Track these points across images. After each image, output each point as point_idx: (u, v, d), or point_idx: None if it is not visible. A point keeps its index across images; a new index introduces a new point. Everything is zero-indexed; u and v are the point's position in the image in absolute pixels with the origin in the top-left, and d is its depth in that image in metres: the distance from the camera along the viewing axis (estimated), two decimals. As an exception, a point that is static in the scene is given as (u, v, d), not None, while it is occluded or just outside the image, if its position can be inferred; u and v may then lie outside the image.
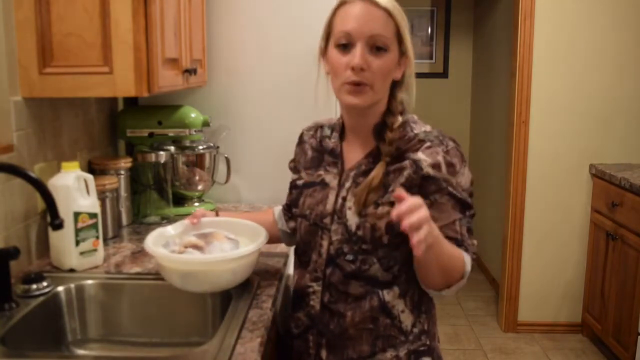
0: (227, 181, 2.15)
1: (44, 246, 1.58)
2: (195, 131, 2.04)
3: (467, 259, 1.17)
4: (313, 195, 1.29)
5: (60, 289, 1.39)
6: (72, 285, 1.41)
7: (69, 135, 1.74)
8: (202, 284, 1.27)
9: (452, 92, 4.86)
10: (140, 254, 1.62)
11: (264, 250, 1.53)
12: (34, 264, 1.54)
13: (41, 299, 1.33)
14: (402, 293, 1.23)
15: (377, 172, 1.18)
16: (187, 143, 2.11)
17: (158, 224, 1.90)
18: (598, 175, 3.15)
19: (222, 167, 2.15)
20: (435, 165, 1.16)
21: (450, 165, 1.17)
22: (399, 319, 1.23)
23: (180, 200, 2.10)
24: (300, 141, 1.41)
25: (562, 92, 3.22)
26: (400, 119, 1.22)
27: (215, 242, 1.32)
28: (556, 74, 3.20)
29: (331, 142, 1.31)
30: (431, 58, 4.83)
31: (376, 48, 1.15)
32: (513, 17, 3.29)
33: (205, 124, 2.06)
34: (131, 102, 2.19)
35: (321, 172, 1.30)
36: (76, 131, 1.79)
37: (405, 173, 1.17)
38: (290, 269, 1.69)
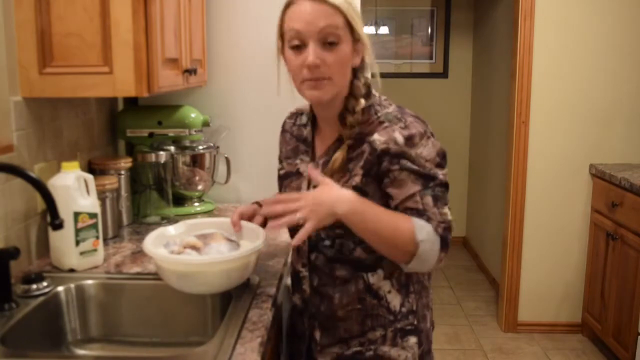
0: (227, 181, 2.15)
1: (44, 246, 1.58)
2: (195, 131, 2.04)
3: (421, 226, 1.14)
4: (290, 185, 1.34)
5: (60, 289, 1.39)
6: (72, 285, 1.41)
7: (69, 135, 1.74)
8: (196, 285, 1.26)
9: (452, 92, 4.86)
10: (140, 254, 1.62)
11: (264, 250, 1.53)
12: (34, 264, 1.54)
13: (41, 299, 1.33)
14: (387, 275, 1.25)
15: (338, 155, 1.22)
16: (187, 143, 2.11)
17: (158, 224, 1.90)
18: (598, 175, 3.15)
19: (222, 167, 2.15)
20: (389, 141, 1.17)
21: (408, 138, 1.17)
22: (386, 299, 1.26)
23: (180, 200, 2.10)
24: (283, 130, 1.44)
25: (562, 92, 3.22)
26: (363, 102, 1.23)
27: (213, 243, 1.32)
28: (556, 74, 3.20)
29: (305, 131, 1.35)
30: (431, 58, 4.83)
31: (328, 43, 1.17)
32: (513, 17, 3.29)
33: (205, 124, 2.06)
34: (131, 102, 2.19)
35: (297, 161, 1.34)
36: (76, 131, 1.79)
37: (364, 156, 1.19)
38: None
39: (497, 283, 3.86)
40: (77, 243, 1.48)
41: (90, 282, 1.44)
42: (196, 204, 2.11)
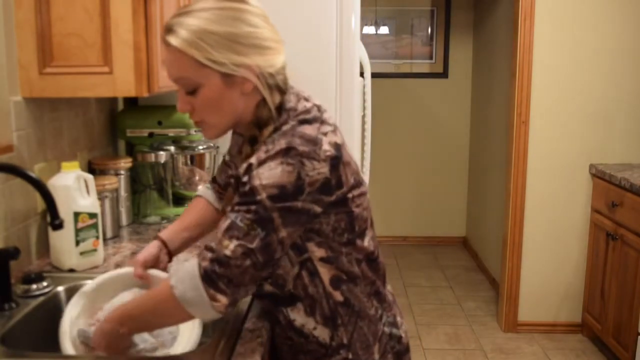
0: (227, 181, 2.15)
1: (44, 246, 1.58)
2: (195, 131, 2.04)
3: (176, 270, 1.04)
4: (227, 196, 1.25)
5: (60, 289, 1.39)
6: (72, 285, 1.41)
7: (69, 135, 1.75)
8: None
9: (452, 92, 4.86)
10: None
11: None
12: (34, 264, 1.54)
13: (41, 299, 1.33)
14: (308, 310, 1.14)
15: (230, 191, 1.15)
16: (187, 143, 2.11)
17: (158, 224, 1.91)
18: (598, 175, 3.15)
19: (222, 167, 2.15)
20: (248, 168, 1.02)
21: (260, 161, 1.01)
22: (313, 335, 1.16)
23: (180, 200, 2.10)
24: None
25: (562, 92, 3.22)
26: (271, 128, 1.08)
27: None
28: (556, 74, 3.20)
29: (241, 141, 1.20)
30: (431, 58, 4.83)
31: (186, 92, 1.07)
32: (513, 17, 3.29)
33: (205, 124, 2.06)
34: (131, 102, 2.19)
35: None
36: (76, 131, 1.79)
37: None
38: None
39: (497, 283, 3.86)
40: (77, 243, 1.48)
41: (90, 282, 1.43)
42: (196, 204, 2.11)
